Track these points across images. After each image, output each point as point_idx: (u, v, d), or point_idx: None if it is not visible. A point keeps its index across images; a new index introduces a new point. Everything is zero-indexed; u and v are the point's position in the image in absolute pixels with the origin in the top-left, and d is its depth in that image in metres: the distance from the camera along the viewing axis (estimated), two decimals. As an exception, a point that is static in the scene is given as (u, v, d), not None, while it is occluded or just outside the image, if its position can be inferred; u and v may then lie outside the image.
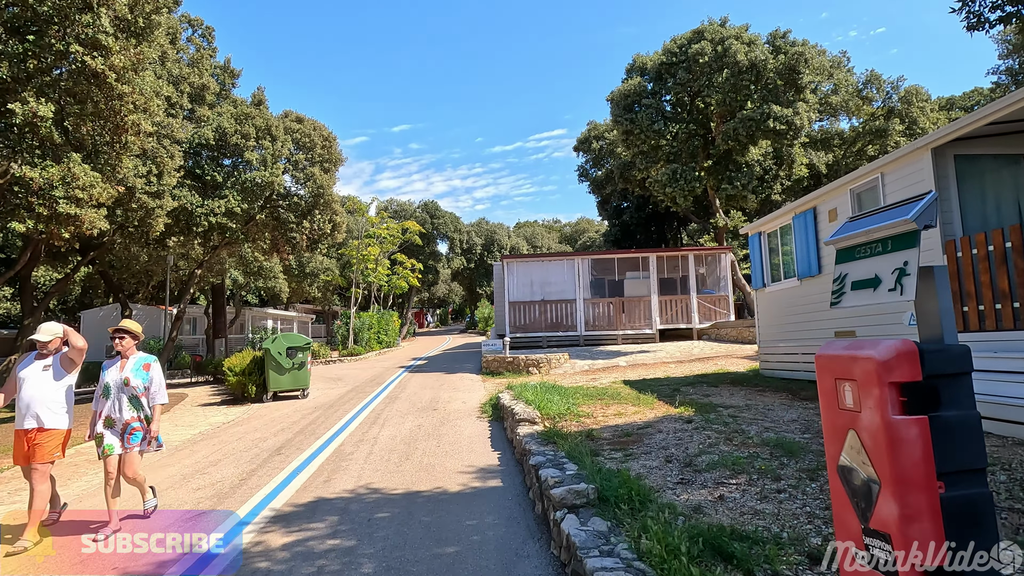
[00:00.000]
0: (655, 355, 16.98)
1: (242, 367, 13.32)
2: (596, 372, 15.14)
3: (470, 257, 49.94)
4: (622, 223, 31.69)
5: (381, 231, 29.01)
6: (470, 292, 56.49)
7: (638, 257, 20.61)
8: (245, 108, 15.51)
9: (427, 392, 13.15)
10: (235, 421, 10.93)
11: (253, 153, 15.37)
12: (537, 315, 20.40)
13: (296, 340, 13.34)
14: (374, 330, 28.96)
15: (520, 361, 15.93)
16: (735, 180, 16.88)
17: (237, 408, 12.61)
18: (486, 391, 12.69)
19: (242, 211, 15.49)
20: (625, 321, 20.14)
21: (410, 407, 11.07)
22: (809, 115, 16.29)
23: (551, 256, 20.99)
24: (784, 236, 10.23)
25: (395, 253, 34.05)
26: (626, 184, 22.02)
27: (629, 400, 8.85)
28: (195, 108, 14.35)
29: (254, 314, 28.86)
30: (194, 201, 14.51)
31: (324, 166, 18.60)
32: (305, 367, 13.40)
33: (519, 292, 20.63)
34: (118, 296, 20.63)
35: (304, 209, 18.25)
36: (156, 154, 11.47)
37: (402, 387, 14.50)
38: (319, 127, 18.69)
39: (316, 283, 30.99)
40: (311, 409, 11.66)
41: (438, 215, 45.38)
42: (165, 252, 21.39)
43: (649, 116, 17.41)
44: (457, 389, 13.41)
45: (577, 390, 10.54)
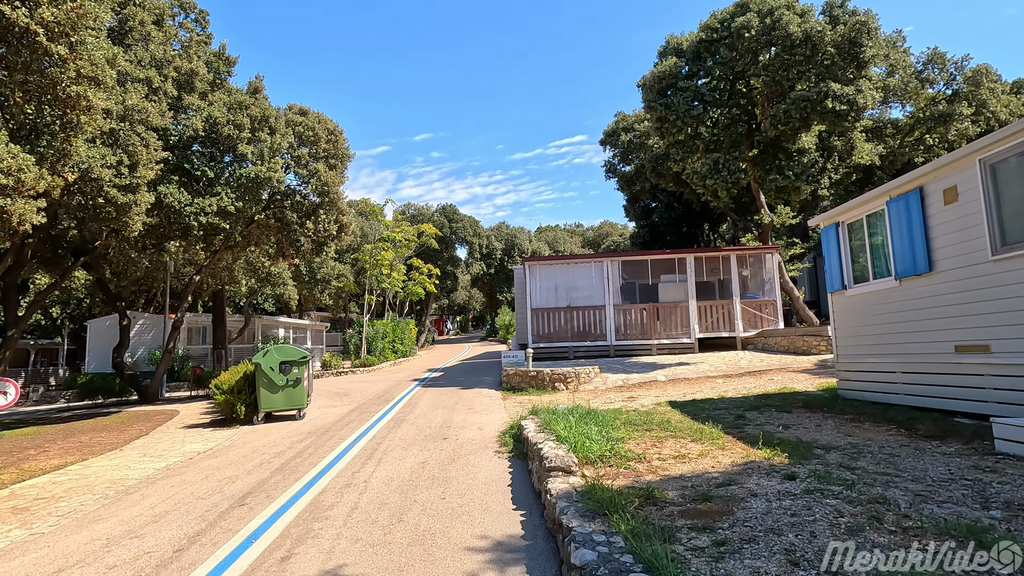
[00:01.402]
0: (697, 368, 15.02)
1: (230, 384, 11.77)
2: (632, 389, 13.26)
3: (490, 262, 48.30)
4: (651, 224, 29.69)
5: (395, 234, 27.53)
6: (490, 299, 54.87)
7: (674, 258, 18.66)
8: (240, 96, 14.07)
9: (438, 413, 11.43)
10: (212, 451, 9.34)
11: (248, 146, 13.90)
12: (562, 323, 18.58)
13: (290, 353, 11.75)
14: (388, 339, 27.43)
15: (544, 375, 14.13)
16: (786, 169, 14.89)
17: (222, 432, 11.04)
18: (506, 413, 10.92)
19: (236, 210, 14.02)
20: (660, 329, 18.20)
21: (416, 434, 9.36)
22: (873, 94, 14.26)
23: (577, 258, 19.19)
24: (874, 226, 8.28)
25: (411, 258, 32.57)
26: (658, 179, 20.11)
27: (686, 432, 7.00)
28: (183, 96, 12.95)
29: (264, 322, 27.57)
30: (182, 199, 13.07)
31: (330, 162, 17.10)
32: (301, 384, 11.80)
33: (542, 298, 18.85)
34: (116, 305, 19.38)
35: (308, 209, 16.76)
36: (127, 141, 10.03)
37: (411, 406, 12.81)
38: (324, 119, 17.22)
39: (328, 290, 29.64)
40: (303, 435, 10.03)
41: (456, 219, 43.84)
42: (165, 257, 20.15)
43: (686, 100, 15.53)
44: (473, 409, 11.66)
45: (615, 415, 8.72)
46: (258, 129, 14.44)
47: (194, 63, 13.06)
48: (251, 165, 14.23)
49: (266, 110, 14.55)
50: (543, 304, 18.78)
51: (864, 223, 8.45)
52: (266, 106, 14.72)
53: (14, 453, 9.96)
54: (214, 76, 14.43)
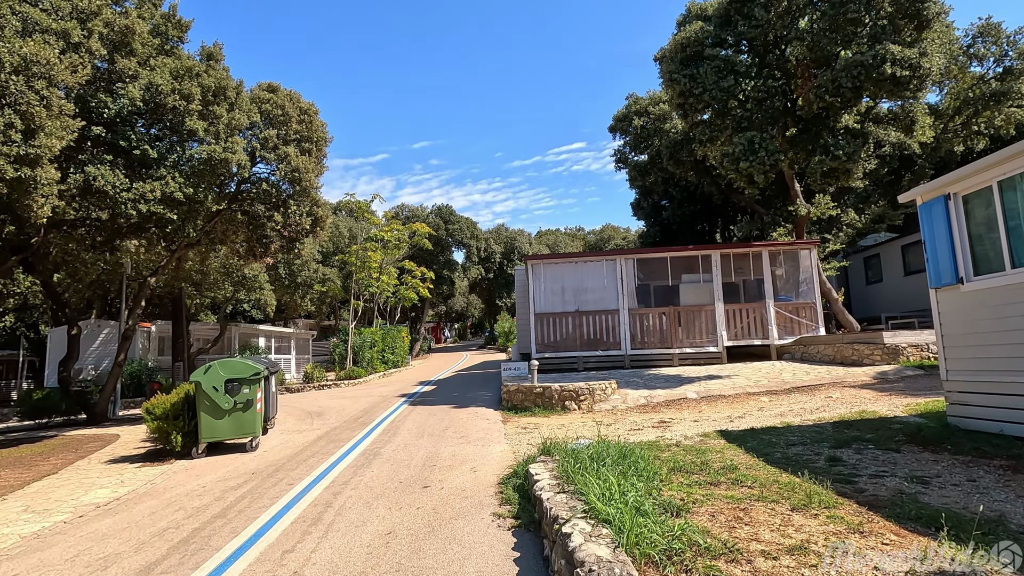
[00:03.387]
0: (732, 382, 12.76)
1: (165, 408, 9.47)
2: (660, 409, 10.99)
3: (488, 266, 46.03)
4: (661, 222, 27.48)
5: (384, 233, 25.28)
6: (489, 305, 52.59)
7: (697, 255, 16.43)
8: (190, 62, 11.86)
9: (423, 443, 9.14)
10: (119, 501, 7.04)
11: (199, 121, 11.66)
12: (570, 330, 16.32)
13: (239, 369, 9.47)
14: (377, 348, 25.12)
15: (553, 392, 11.85)
16: (834, 148, 12.71)
17: (148, 471, 8.74)
18: (508, 443, 8.63)
19: (187, 198, 11.77)
20: (682, 337, 15.94)
21: (390, 477, 7.07)
22: (938, 58, 12.12)
23: (586, 256, 16.96)
24: (1009, 196, 6.05)
25: (403, 260, 30.30)
26: (676, 167, 17.94)
27: (773, 489, 4.75)
28: (116, 59, 10.73)
29: (243, 331, 25.27)
30: (116, 182, 10.82)
31: (303, 146, 14.88)
32: (253, 407, 9.51)
33: (547, 301, 16.59)
34: (63, 311, 17.09)
35: (276, 198, 14.51)
36: (19, 99, 7.82)
37: (392, 431, 10.52)
38: (295, 97, 15.01)
39: (310, 295, 27.35)
40: (245, 476, 7.74)
41: (453, 220, 41.56)
42: (123, 257, 17.89)
43: (715, 71, 13.36)
44: (466, 438, 9.38)
45: (653, 451, 6.50)
46: (213, 103, 12.22)
47: (131, 20, 10.84)
48: (205, 144, 11.99)
49: (222, 80, 12.33)
50: (548, 308, 16.52)
51: (995, 193, 6.21)
52: (223, 76, 12.50)
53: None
54: (161, 42, 12.20)
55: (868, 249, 20.68)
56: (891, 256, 19.53)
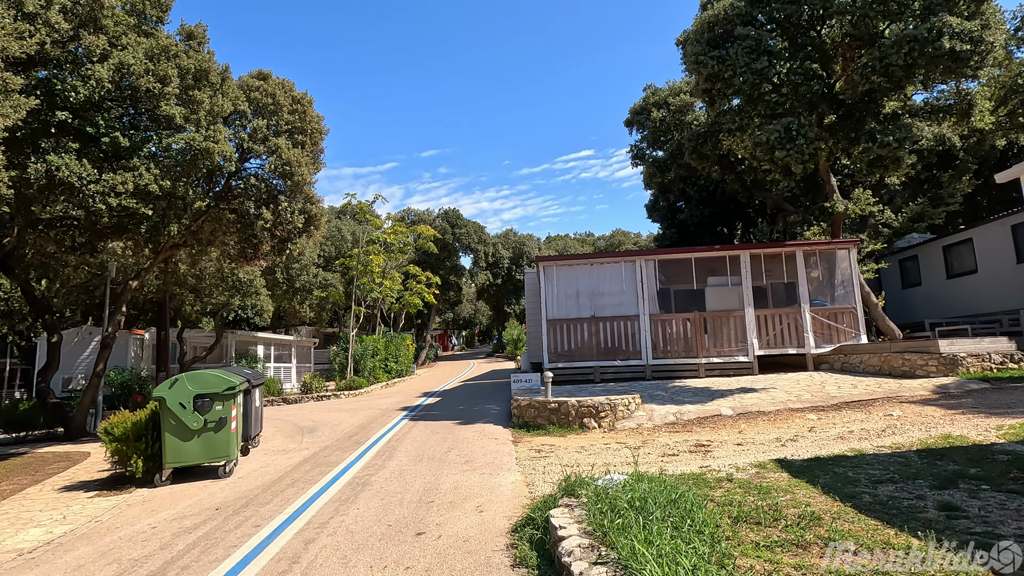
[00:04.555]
0: (771, 396, 11.38)
1: (126, 428, 8.24)
2: (692, 428, 9.63)
3: (496, 272, 44.77)
4: (678, 224, 26.12)
5: (387, 235, 24.11)
6: (497, 311, 51.30)
7: (724, 256, 15.08)
8: (167, 41, 10.74)
9: (421, 470, 7.85)
10: (51, 546, 5.80)
11: (176, 107, 10.52)
12: (586, 337, 14.99)
13: (210, 383, 8.23)
14: (380, 357, 23.87)
15: (569, 408, 10.52)
16: (881, 134, 11.35)
17: (101, 502, 7.50)
18: (521, 472, 7.32)
19: (164, 192, 10.62)
20: (709, 345, 14.57)
21: (378, 518, 5.78)
22: (1001, 32, 10.80)
23: (603, 257, 15.66)
24: None
25: (408, 265, 29.10)
26: (699, 162, 16.62)
27: (891, 559, 3.41)
28: (81, 35, 9.63)
29: (240, 338, 24.11)
30: (83, 173, 9.67)
31: (295, 137, 13.72)
32: (226, 426, 8.26)
33: (560, 306, 15.28)
34: (42, 317, 16.00)
35: (265, 194, 13.33)
36: (-52, 67, 6.70)
37: (388, 453, 9.23)
38: (288, 85, 13.87)
39: (309, 300, 26.19)
40: (207, 514, 6.47)
41: (460, 224, 40.35)
42: (107, 259, 16.83)
43: (747, 51, 12.07)
44: (472, 463, 8.08)
45: (702, 490, 5.20)
46: (194, 87, 11.08)
47: (98, -10, 9.73)
48: (184, 133, 10.84)
49: (204, 62, 11.19)
50: (561, 314, 15.22)
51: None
52: (205, 58, 11.36)
53: None
54: (137, 20, 11.10)
55: (905, 251, 19.22)
56: (931, 258, 18.06)
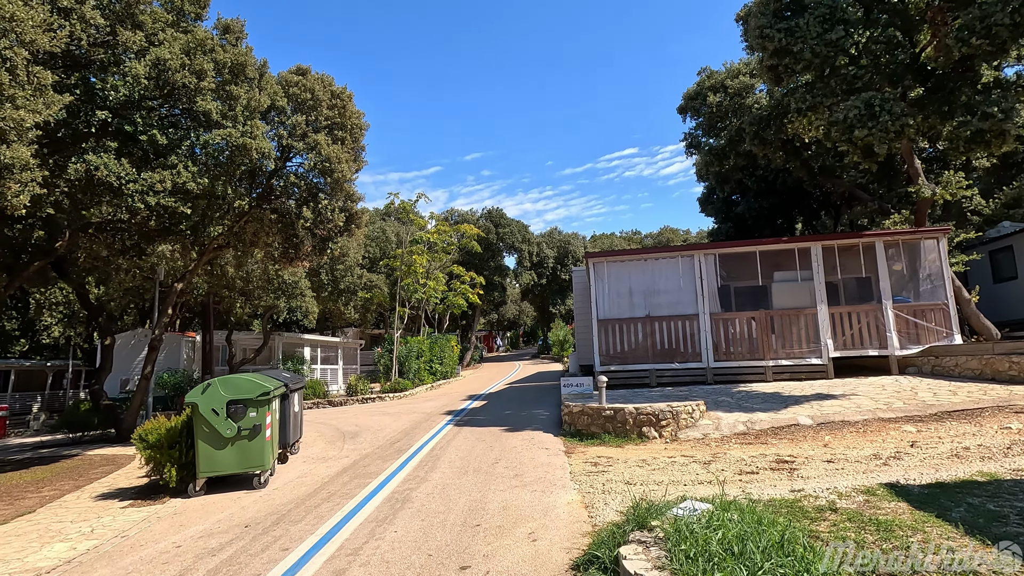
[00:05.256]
0: (854, 404, 10.13)
1: (160, 434, 7.89)
2: (768, 440, 8.57)
3: (541, 272, 43.92)
4: (734, 217, 24.62)
5: (431, 235, 23.69)
6: (542, 312, 50.45)
7: (793, 249, 13.79)
8: (202, 34, 10.48)
9: (466, 484, 7.14)
10: (71, 565, 5.39)
11: (212, 102, 10.23)
12: (640, 338, 14.00)
13: (245, 388, 7.78)
14: (425, 358, 23.46)
15: (627, 416, 9.61)
16: (981, 106, 9.91)
17: (132, 514, 7.12)
18: (578, 491, 6.49)
19: (202, 190, 10.35)
20: (777, 346, 13.33)
21: (417, 543, 5.09)
22: None
23: (658, 252, 14.61)
24: None
25: (452, 265, 28.66)
26: (761, 147, 15.32)
27: None
28: (117, 31, 9.43)
29: (286, 340, 24.20)
30: (121, 172, 9.46)
31: (335, 133, 13.33)
32: (261, 434, 7.78)
33: (612, 305, 14.34)
34: (96, 320, 16.26)
35: (305, 192, 12.99)
36: (-27, 60, 6.46)
37: (432, 464, 8.58)
38: (327, 80, 13.50)
39: (353, 302, 26.07)
40: (234, 533, 5.94)
41: (503, 223, 39.73)
42: (152, 262, 16.95)
43: (820, 20, 10.86)
44: (521, 477, 7.31)
45: (804, 525, 4.26)
46: (231, 82, 10.78)
47: (135, -15, 9.51)
48: (221, 129, 10.54)
49: (241, 56, 10.87)
50: (613, 314, 14.27)
51: None
52: (242, 52, 11.05)
53: None
54: (175, 17, 10.89)
55: (996, 240, 17.29)
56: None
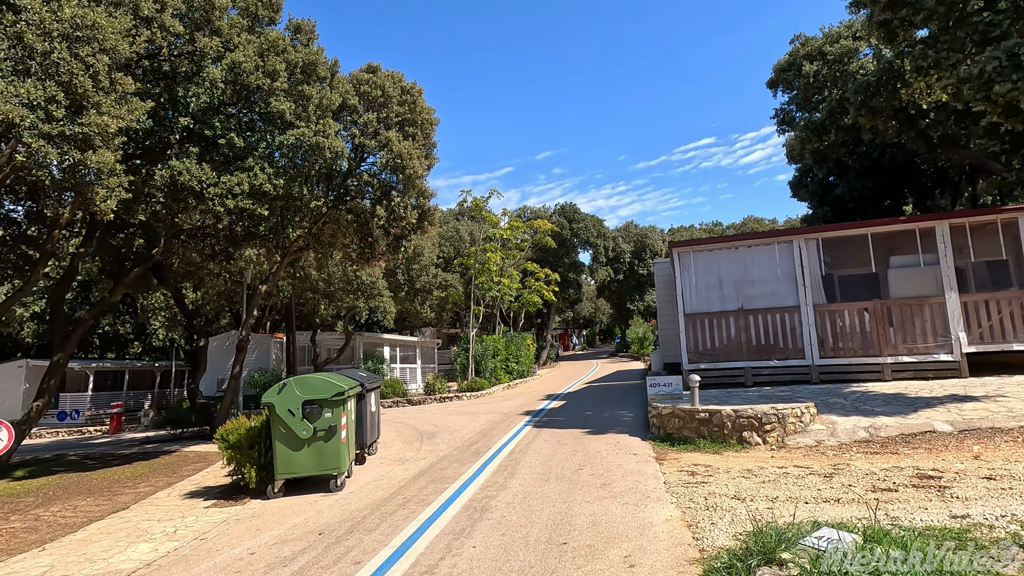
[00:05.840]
0: (1003, 407, 8.57)
1: (240, 434, 7.87)
2: (898, 449, 7.35)
3: (617, 267, 42.58)
4: (832, 201, 22.42)
5: (504, 232, 23.32)
6: (619, 309, 48.98)
7: (913, 229, 12.12)
8: (274, 34, 10.54)
9: (549, 493, 6.53)
10: (151, 568, 5.29)
11: (285, 102, 10.26)
12: (732, 333, 12.83)
13: (318, 388, 7.59)
14: (501, 357, 23.13)
15: (724, 419, 8.64)
16: None
17: (214, 515, 7.09)
18: (676, 507, 5.71)
19: (277, 191, 10.41)
20: (896, 340, 11.75)
21: (498, 563, 4.56)
22: None
23: (751, 239, 13.34)
24: None
25: (526, 262, 28.20)
26: (870, 118, 13.55)
27: None
28: (195, 37, 9.62)
29: (367, 340, 24.69)
30: (203, 176, 9.66)
31: (406, 130, 13.16)
32: (336, 435, 7.56)
33: (700, 298, 13.26)
34: (191, 322, 17.12)
35: (378, 190, 12.90)
36: (59, 67, 6.60)
37: (511, 468, 8.06)
38: (397, 77, 13.36)
39: (429, 301, 26.20)
40: (308, 540, 5.67)
41: (577, 219, 38.80)
42: (240, 266, 17.62)
43: (945, -37, 9.34)
44: (610, 486, 6.61)
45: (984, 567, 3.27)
46: (303, 82, 10.79)
47: (211, -9, 9.67)
48: (294, 129, 10.56)
49: (312, 55, 10.87)
50: (702, 307, 13.18)
51: None
52: (313, 51, 11.06)
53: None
54: (250, 22, 11.06)
55: None
56: None
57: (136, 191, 9.95)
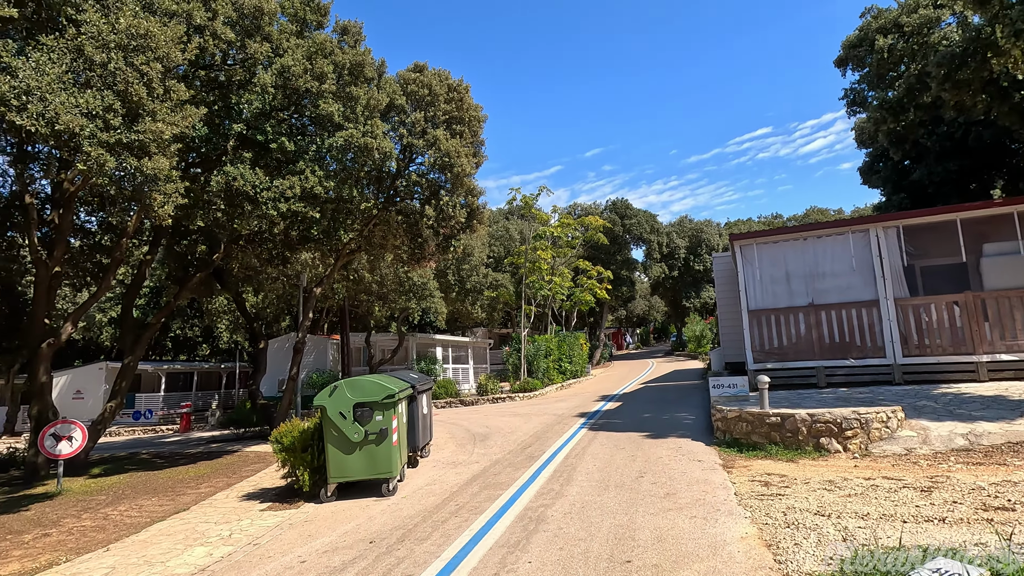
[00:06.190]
0: None
1: (293, 437, 7.86)
2: (1007, 460, 6.52)
3: (672, 263, 41.31)
4: (909, 187, 20.76)
5: (554, 230, 22.90)
6: (674, 306, 47.57)
7: (1011, 213, 10.93)
8: (321, 37, 10.57)
9: (609, 503, 6.13)
10: (204, 574, 5.25)
11: (333, 103, 10.25)
12: (802, 330, 11.98)
13: (370, 390, 7.45)
14: (553, 357, 22.74)
15: (798, 424, 7.97)
16: None
17: (268, 518, 7.06)
18: (752, 522, 5.18)
19: (327, 193, 10.44)
20: (993, 336, 10.62)
21: (555, 585, 4.21)
22: None
23: (821, 229, 12.42)
24: None
25: (577, 260, 27.68)
26: (955, 93, 12.25)
27: None
28: (246, 44, 9.74)
29: (419, 341, 24.85)
30: (256, 181, 9.78)
31: (453, 128, 13.01)
32: (387, 438, 7.41)
33: (766, 293, 12.46)
34: (251, 326, 17.62)
35: (426, 190, 12.79)
36: (116, 77, 6.73)
37: (566, 474, 7.69)
38: (443, 75, 13.22)
39: (480, 301, 26.09)
40: (359, 549, 5.50)
41: (629, 214, 37.84)
42: (297, 269, 17.98)
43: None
44: (674, 496, 6.14)
45: None
46: (351, 83, 10.78)
47: (259, -1, 9.76)
48: (342, 131, 10.55)
49: (359, 56, 10.84)
50: (767, 303, 12.38)
51: None
52: (360, 52, 11.03)
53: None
54: (299, 27, 11.15)
55: None
56: None
57: (196, 197, 10.21)
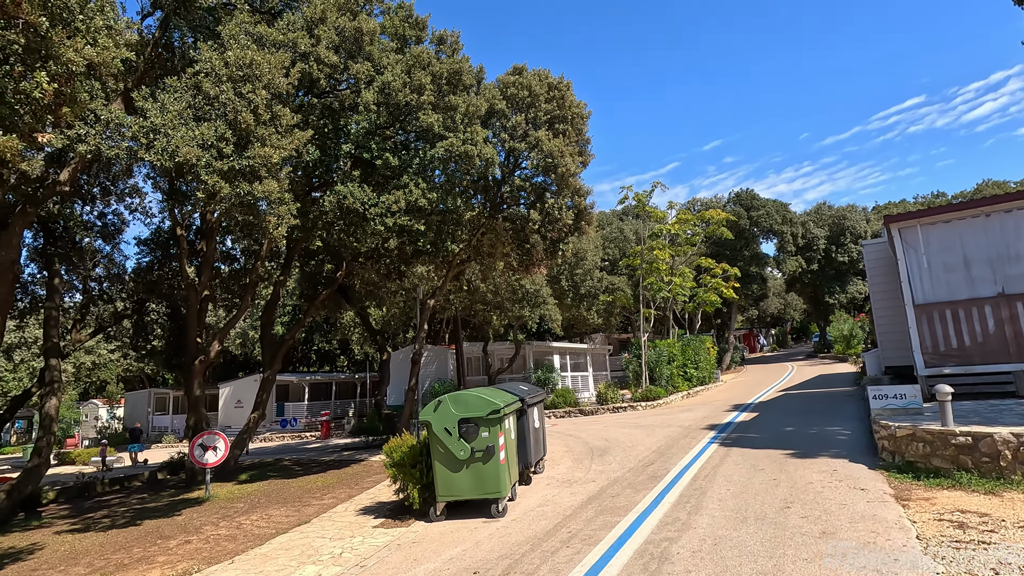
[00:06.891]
0: None
1: (403, 452, 7.74)
2: None
3: (809, 256, 37.22)
4: None
5: (671, 227, 21.45)
6: (814, 303, 42.90)
7: None
8: (418, 50, 10.59)
9: (748, 542, 5.16)
10: (308, 598, 5.14)
11: (432, 114, 10.20)
12: (990, 327, 9.81)
13: (473, 406, 7.10)
14: (677, 363, 21.24)
15: (998, 446, 6.33)
16: None
17: (379, 537, 6.94)
18: (946, 580, 3.99)
19: (431, 205, 10.42)
20: None
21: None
22: None
23: (1010, 201, 10.12)
24: None
25: (699, 258, 25.80)
26: None
27: None
28: (348, 65, 10.01)
29: (536, 348, 24.57)
30: (365, 198, 10.00)
31: (555, 127, 12.48)
32: (495, 456, 7.00)
33: (936, 284, 10.40)
34: (375, 338, 18.39)
35: (531, 194, 12.37)
36: (226, 107, 7.06)
37: (695, 500, 6.74)
38: (543, 75, 12.72)
39: (595, 306, 25.11)
40: (469, 572, 5.09)
41: (756, 206, 34.65)
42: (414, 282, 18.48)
43: None
44: (834, 537, 5.02)
45: None
46: (448, 92, 10.69)
47: (358, 19, 9.98)
48: (443, 141, 10.49)
49: (456, 64, 10.73)
50: (940, 296, 10.32)
51: None
52: (456, 60, 10.93)
53: (117, 552, 7.62)
54: (399, 44, 11.33)
55: None
56: None
57: (314, 218, 10.70)
